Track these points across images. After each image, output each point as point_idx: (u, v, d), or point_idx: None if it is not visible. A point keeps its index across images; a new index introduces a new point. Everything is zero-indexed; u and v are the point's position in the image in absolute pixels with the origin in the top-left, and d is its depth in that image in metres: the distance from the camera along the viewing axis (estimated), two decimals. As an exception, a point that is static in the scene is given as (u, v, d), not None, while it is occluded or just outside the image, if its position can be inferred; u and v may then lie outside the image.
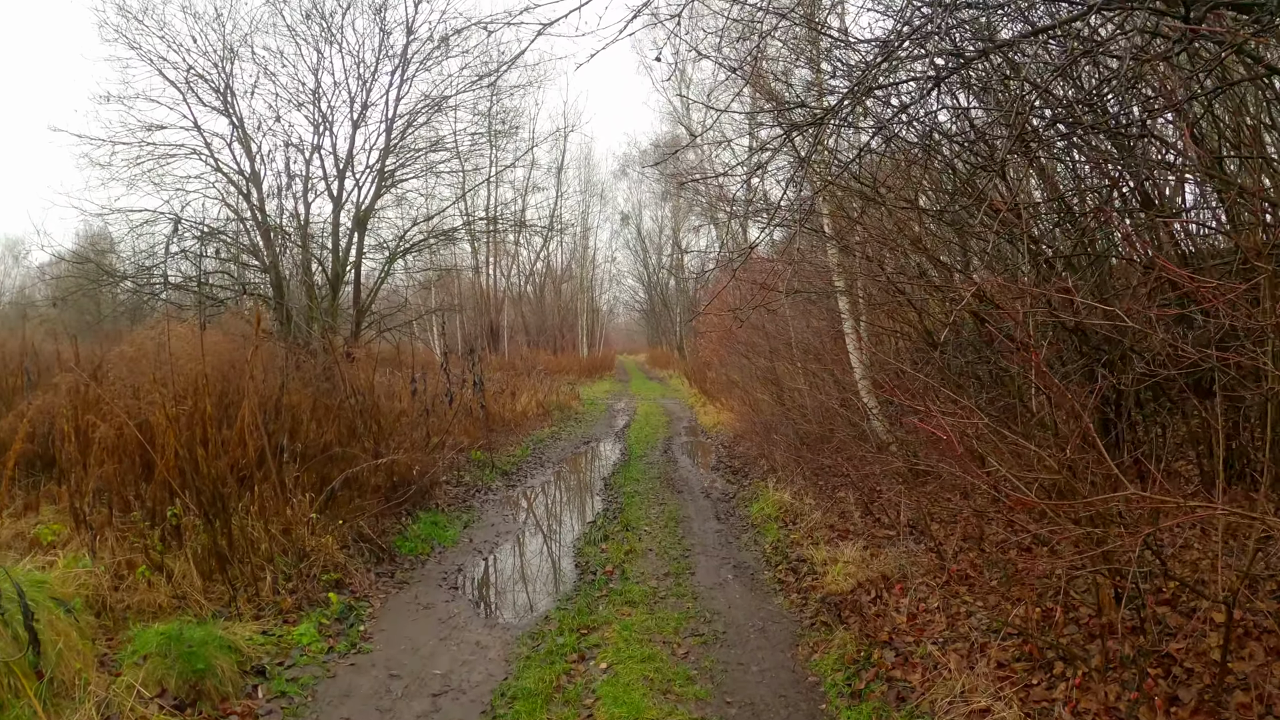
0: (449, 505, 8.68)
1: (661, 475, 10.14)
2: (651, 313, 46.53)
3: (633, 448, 12.98)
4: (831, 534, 6.69)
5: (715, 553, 6.42)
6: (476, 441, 11.91)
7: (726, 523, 7.54)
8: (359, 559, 6.27)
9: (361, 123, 16.20)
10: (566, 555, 6.82)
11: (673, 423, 16.99)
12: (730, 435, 13.95)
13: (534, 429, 15.03)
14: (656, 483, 9.59)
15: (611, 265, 45.93)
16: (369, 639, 5.03)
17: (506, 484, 10.16)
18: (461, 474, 10.22)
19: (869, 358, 9.40)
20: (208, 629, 4.77)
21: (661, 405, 21.26)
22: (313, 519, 6.13)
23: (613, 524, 7.48)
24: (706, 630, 4.66)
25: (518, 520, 8.29)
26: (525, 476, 10.71)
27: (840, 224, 9.46)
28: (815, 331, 12.12)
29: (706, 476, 10.22)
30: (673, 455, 12.13)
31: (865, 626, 4.63)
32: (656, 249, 43.83)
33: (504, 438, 13.35)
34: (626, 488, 9.32)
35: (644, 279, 45.75)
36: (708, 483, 9.71)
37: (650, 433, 15.02)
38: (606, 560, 6.26)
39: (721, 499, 8.66)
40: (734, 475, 10.02)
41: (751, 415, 13.30)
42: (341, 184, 16.32)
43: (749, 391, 14.78)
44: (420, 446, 8.86)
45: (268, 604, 5.44)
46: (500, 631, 5.00)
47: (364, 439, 7.90)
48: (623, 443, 13.90)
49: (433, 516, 7.91)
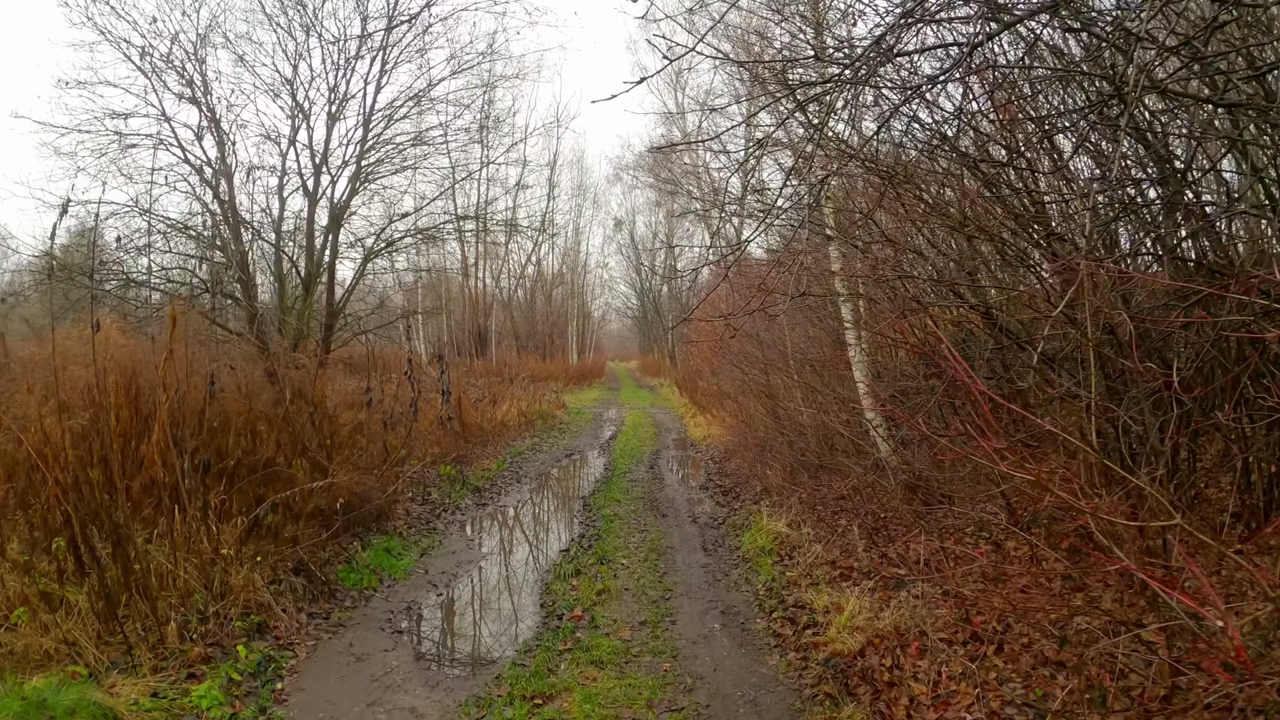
0: (409, 528, 7.85)
1: (646, 495, 9.33)
2: (643, 319, 45.81)
3: (617, 462, 12.17)
4: (834, 572, 5.90)
5: (701, 594, 5.61)
6: (448, 454, 11.08)
7: (714, 555, 6.73)
8: (290, 596, 5.43)
9: (340, 116, 15.44)
10: (532, 592, 6.00)
11: (661, 435, 16.19)
12: (721, 450, 13.17)
13: (514, 440, 14.21)
14: (640, 504, 8.77)
15: (604, 271, 45.24)
16: (284, 700, 4.20)
17: (477, 502, 9.33)
18: (428, 490, 9.40)
19: (873, 370, 8.64)
20: (82, 690, 3.94)
21: (650, 415, 20.47)
22: (233, 552, 5.30)
23: (587, 555, 6.66)
24: (686, 701, 3.85)
25: (483, 546, 7.46)
26: (499, 494, 9.88)
27: (845, 222, 8.71)
28: (814, 341, 11.36)
29: (694, 497, 9.41)
30: (659, 471, 11.32)
31: (877, 699, 3.83)
32: (650, 255, 43.18)
33: (480, 449, 12.53)
34: (606, 509, 8.50)
35: (636, 285, 45.13)
36: (696, 505, 8.91)
37: (637, 445, 14.22)
38: (575, 601, 5.45)
39: (710, 525, 7.86)
40: (724, 496, 9.21)
41: (744, 430, 12.52)
42: (318, 179, 15.54)
43: (741, 404, 14.00)
44: (378, 462, 8.04)
45: (173, 653, 4.61)
46: (441, 694, 4.17)
47: (315, 455, 7.08)
48: (607, 456, 13.09)
49: (387, 542, 7.08)
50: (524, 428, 15.42)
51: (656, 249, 42.21)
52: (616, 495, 9.23)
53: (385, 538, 7.24)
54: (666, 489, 9.84)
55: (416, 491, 9.21)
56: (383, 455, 8.04)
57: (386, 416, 8.99)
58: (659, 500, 9.04)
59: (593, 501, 9.05)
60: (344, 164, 15.34)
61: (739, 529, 7.44)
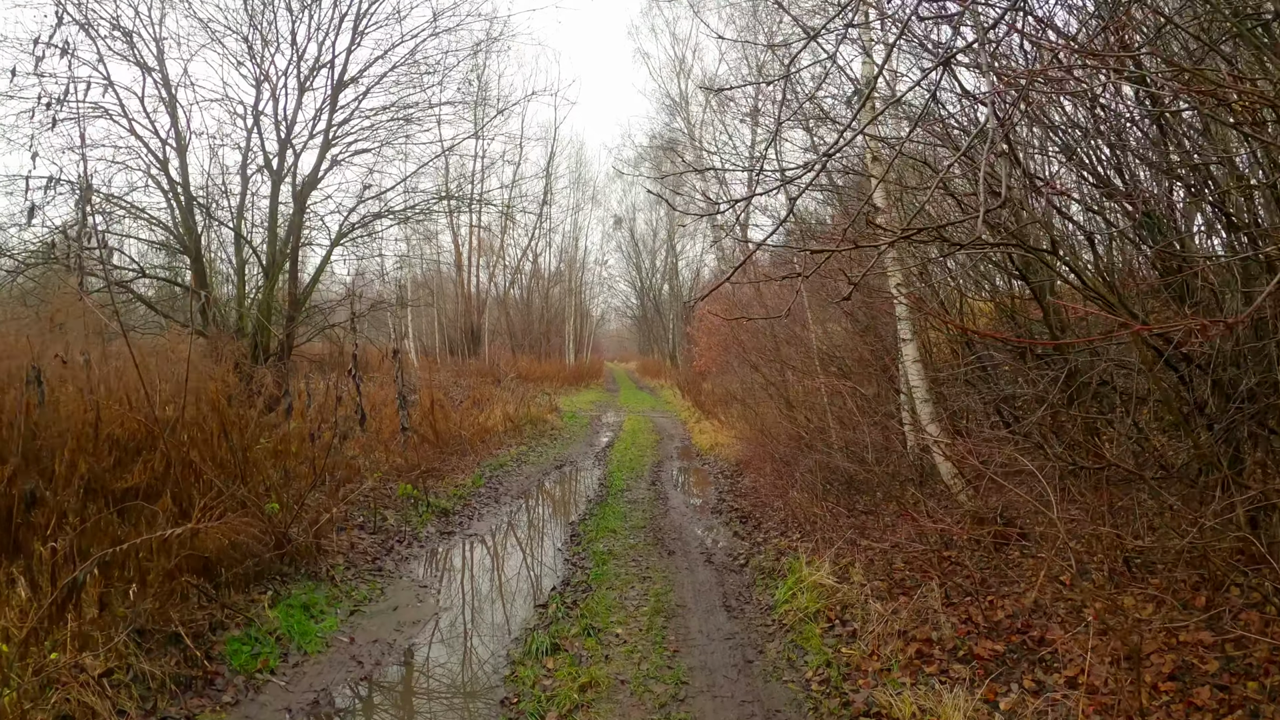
0: (349, 568, 6.19)
1: (647, 521, 7.65)
2: (643, 319, 44.20)
3: (614, 476, 10.50)
4: (908, 650, 4.24)
5: (729, 689, 3.93)
6: (415, 468, 9.41)
7: (741, 617, 5.05)
8: (136, 691, 3.76)
9: (309, 85, 13.77)
10: (489, 680, 4.31)
11: (663, 443, 14.51)
12: (731, 462, 11.50)
13: (498, 448, 12.53)
14: (640, 535, 7.09)
15: (603, 269, 43.58)
16: None
17: (442, 529, 7.66)
18: (382, 515, 7.73)
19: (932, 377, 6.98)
20: None
21: (651, 420, 18.79)
22: (46, 627, 3.63)
23: (570, 617, 4.96)
24: None
25: (437, 597, 5.77)
26: (470, 517, 8.20)
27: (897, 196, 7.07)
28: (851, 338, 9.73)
29: (706, 523, 7.74)
30: (662, 489, 9.64)
31: None
32: (650, 253, 41.63)
33: (457, 460, 10.86)
34: (599, 542, 6.83)
35: (636, 284, 43.53)
36: (709, 536, 7.24)
37: (637, 455, 12.53)
38: (548, 702, 3.77)
39: (730, 566, 6.18)
40: (743, 524, 7.54)
41: (759, 440, 10.85)
42: (283, 156, 13.84)
43: (755, 410, 12.34)
44: (307, 486, 6.36)
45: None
46: None
47: (217, 479, 5.41)
48: (603, 468, 11.41)
49: (309, 592, 5.41)
50: (510, 434, 13.75)
51: (657, 248, 40.69)
52: (612, 522, 7.54)
53: (309, 586, 5.57)
54: (672, 512, 8.17)
55: (367, 516, 7.54)
56: (310, 478, 6.35)
57: (333, 427, 7.32)
58: (663, 529, 7.36)
59: (583, 530, 7.38)
60: (311, 134, 13.68)
61: (769, 576, 5.76)
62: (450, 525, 7.83)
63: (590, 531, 7.26)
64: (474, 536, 7.51)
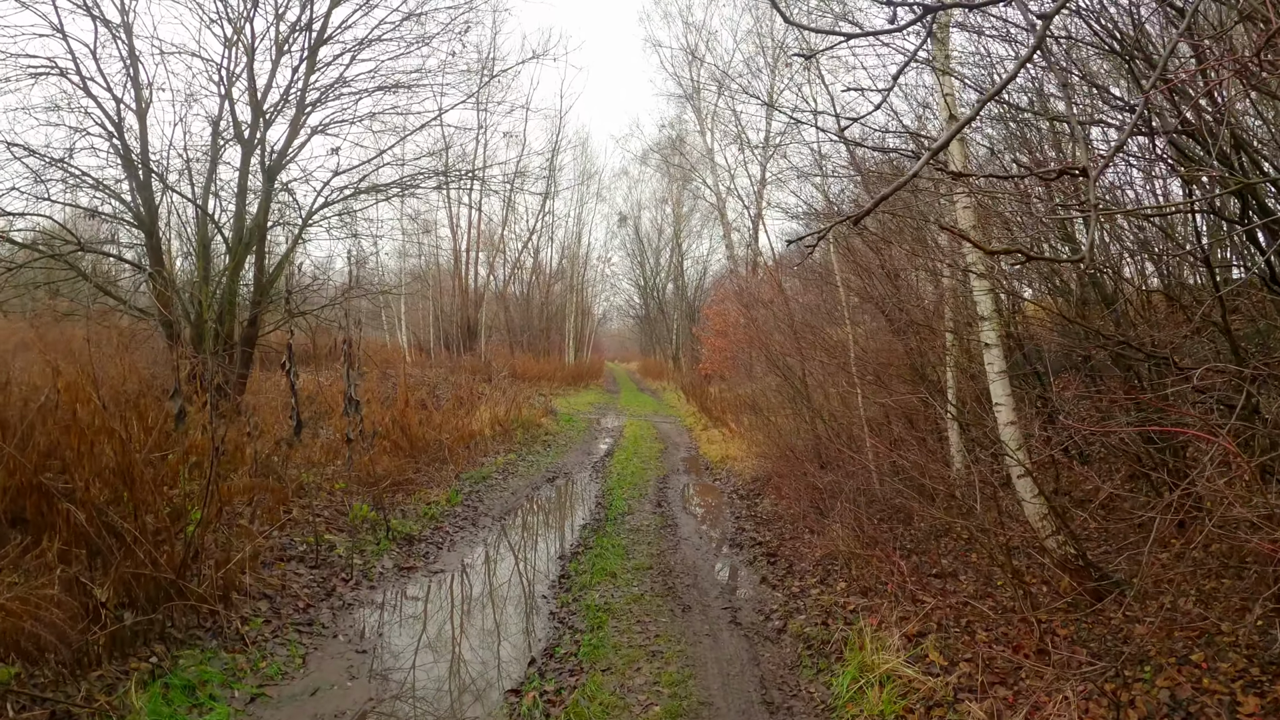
0: (269, 620, 4.78)
1: (654, 560, 6.23)
2: (646, 319, 42.84)
3: (614, 493, 9.09)
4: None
5: None
6: (382, 481, 8.01)
7: (789, 716, 3.63)
8: None
9: (288, 47, 12.37)
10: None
11: (668, 452, 13.09)
12: (748, 479, 10.10)
13: (484, 457, 11.12)
14: (646, 581, 5.67)
15: (606, 266, 42.20)
16: None
17: (401, 564, 6.25)
18: (329, 544, 6.32)
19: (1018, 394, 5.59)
20: None
21: (654, 426, 17.37)
22: None
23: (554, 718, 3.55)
24: None
25: (370, 674, 4.34)
26: (440, 546, 6.79)
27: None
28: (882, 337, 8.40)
29: (726, 562, 6.33)
30: (670, 512, 8.22)
31: None
32: (655, 252, 40.27)
33: (435, 471, 9.45)
34: (594, 592, 5.41)
35: (640, 283, 42.17)
36: (731, 580, 5.83)
37: (639, 468, 11.12)
38: None
39: (763, 631, 4.76)
40: (771, 564, 6.12)
41: (778, 454, 9.45)
42: (256, 125, 12.44)
43: (772, 420, 10.93)
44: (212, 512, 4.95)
45: None
46: None
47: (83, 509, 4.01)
48: (601, 482, 10.00)
49: (204, 660, 4.00)
50: (499, 439, 12.33)
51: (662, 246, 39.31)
52: (611, 561, 6.11)
53: (208, 651, 4.17)
54: (683, 545, 6.75)
55: (311, 545, 6.13)
56: (218, 505, 4.93)
57: (256, 436, 5.91)
58: (674, 569, 5.95)
59: (575, 570, 5.95)
60: (283, 102, 12.27)
61: (818, 652, 4.34)
62: (413, 557, 6.41)
63: (584, 572, 5.84)
64: (440, 573, 6.08)
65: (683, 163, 28.96)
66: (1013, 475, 5.27)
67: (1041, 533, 5.13)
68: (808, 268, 10.35)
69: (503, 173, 18.79)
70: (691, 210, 35.73)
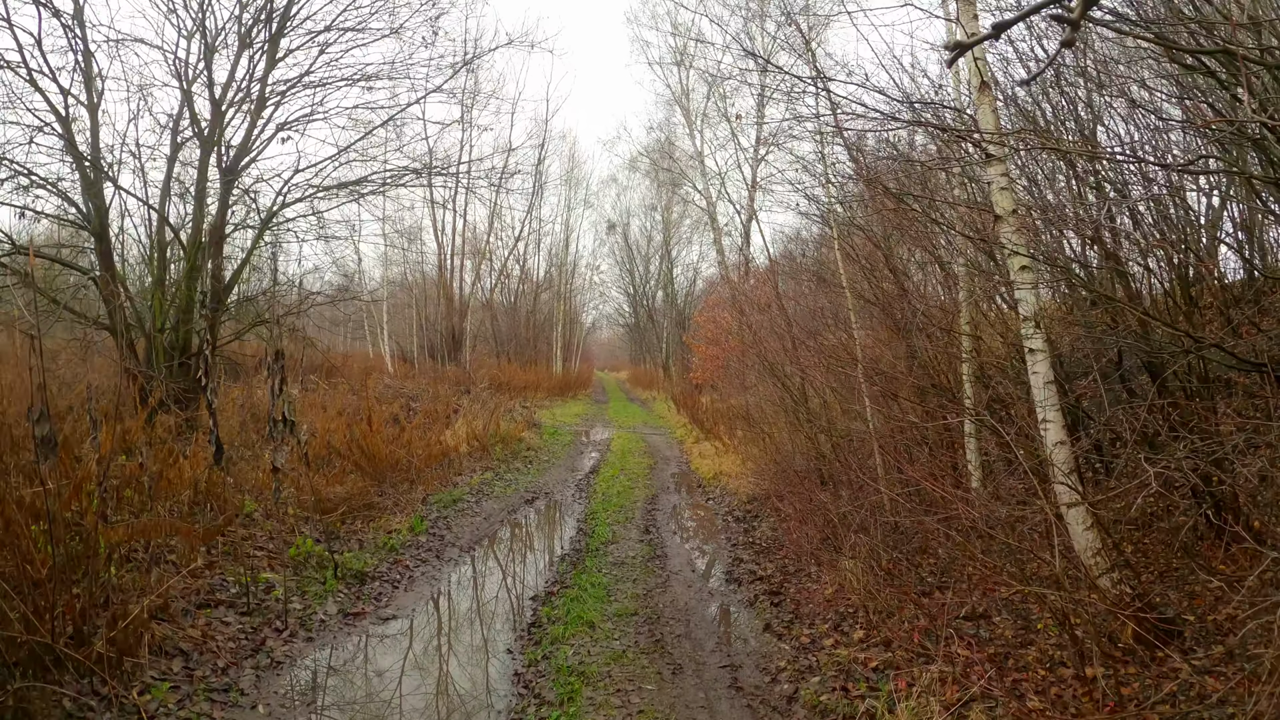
0: (179, 686, 3.94)
1: (640, 604, 5.40)
2: (636, 327, 42.11)
3: (597, 518, 8.27)
4: None
5: None
6: (337, 507, 7.17)
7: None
8: None
9: (251, 39, 11.58)
10: None
11: (657, 468, 12.27)
12: (743, 498, 9.30)
13: (458, 475, 10.28)
14: (629, 632, 4.83)
15: (594, 274, 41.44)
16: None
17: (347, 608, 5.40)
18: (266, 584, 5.48)
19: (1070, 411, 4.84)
20: None
21: (643, 438, 16.55)
22: None
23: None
24: None
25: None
26: (395, 584, 5.95)
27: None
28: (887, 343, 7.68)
29: (723, 602, 5.52)
30: (658, 539, 7.40)
31: None
32: (644, 259, 39.57)
33: (404, 493, 8.60)
34: (568, 645, 4.57)
35: (629, 291, 41.45)
36: (728, 625, 5.01)
37: (626, 487, 10.30)
38: None
39: (770, 698, 3.95)
40: (775, 606, 5.30)
41: (778, 474, 8.66)
42: (216, 122, 11.63)
43: (768, 433, 10.14)
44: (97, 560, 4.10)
45: None
46: None
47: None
48: (584, 503, 9.17)
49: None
50: (476, 456, 11.48)
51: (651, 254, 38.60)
52: (589, 607, 5.26)
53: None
54: (673, 583, 5.93)
55: (244, 585, 5.28)
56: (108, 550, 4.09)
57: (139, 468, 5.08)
58: (662, 615, 5.13)
59: (547, 616, 5.12)
60: (243, 96, 11.46)
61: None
62: (362, 599, 5.56)
63: (558, 620, 5.00)
64: (390, 620, 5.23)
65: (672, 167, 28.27)
66: (1062, 503, 4.49)
67: (1094, 570, 4.35)
68: (804, 269, 9.62)
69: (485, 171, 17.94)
70: (681, 216, 35.07)
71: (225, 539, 6.41)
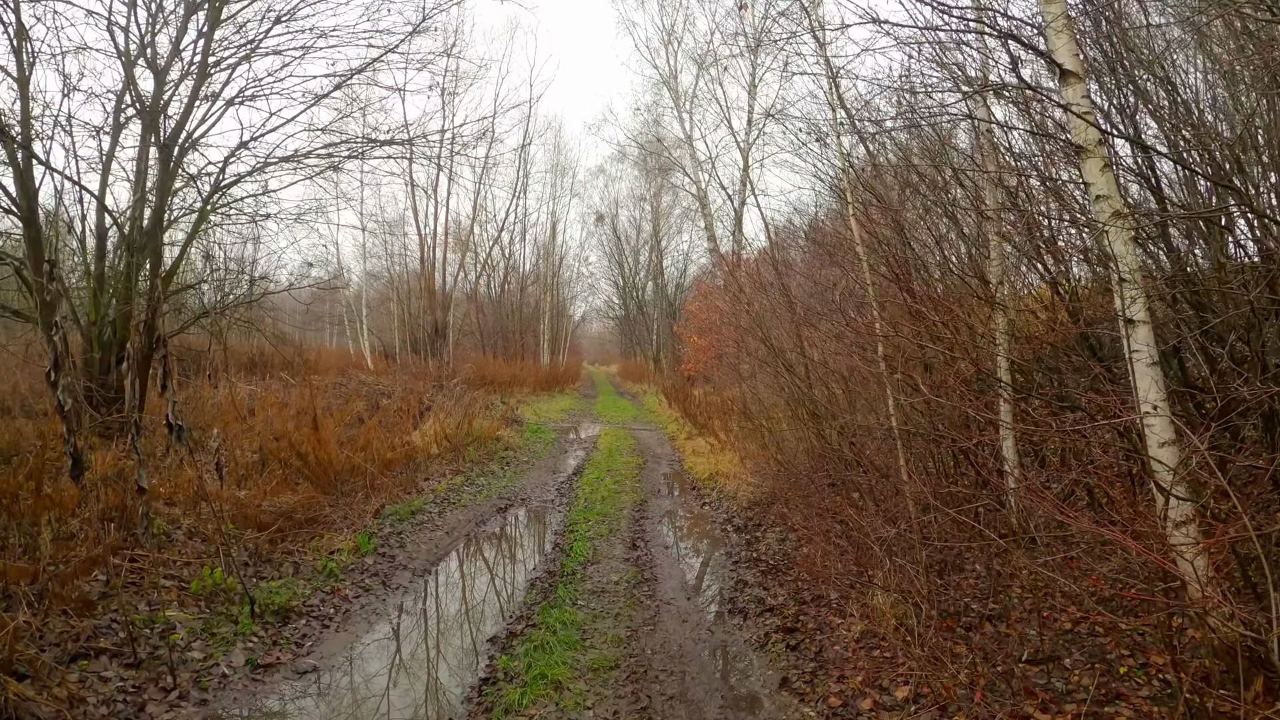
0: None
1: (623, 647, 4.35)
2: (626, 320, 41.06)
3: (577, 529, 7.22)
4: None
5: None
6: (270, 525, 6.10)
7: None
8: None
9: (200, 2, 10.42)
10: None
11: (647, 469, 11.22)
12: (743, 503, 8.28)
13: (425, 480, 9.20)
14: (608, 689, 3.78)
15: (583, 266, 40.33)
16: None
17: (258, 658, 4.32)
18: (164, 628, 4.42)
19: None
20: None
21: (632, 434, 15.50)
22: None
23: None
24: None
25: None
26: (324, 624, 4.87)
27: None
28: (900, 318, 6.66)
29: (726, 643, 4.48)
30: (648, 558, 6.35)
31: None
32: (634, 251, 38.52)
33: (354, 505, 7.52)
34: (533, 707, 3.52)
35: (618, 283, 40.39)
36: (735, 679, 3.97)
37: (612, 491, 9.25)
38: None
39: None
40: (791, 648, 4.27)
41: (781, 474, 7.65)
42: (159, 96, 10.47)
43: (768, 427, 9.12)
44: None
45: None
46: None
47: None
48: (565, 511, 8.12)
49: None
50: (448, 458, 10.39)
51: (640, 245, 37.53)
52: (558, 658, 4.18)
53: None
54: (665, 617, 4.88)
55: (132, 630, 4.21)
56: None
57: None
58: (651, 667, 4.08)
59: (505, 669, 4.05)
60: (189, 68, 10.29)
61: None
62: (280, 645, 4.49)
63: (516, 676, 3.93)
64: (307, 674, 4.16)
65: (660, 151, 27.14)
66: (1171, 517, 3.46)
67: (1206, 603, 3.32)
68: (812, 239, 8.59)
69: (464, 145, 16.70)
70: (671, 205, 34.01)
71: (135, 564, 5.35)
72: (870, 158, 7.11)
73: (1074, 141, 3.68)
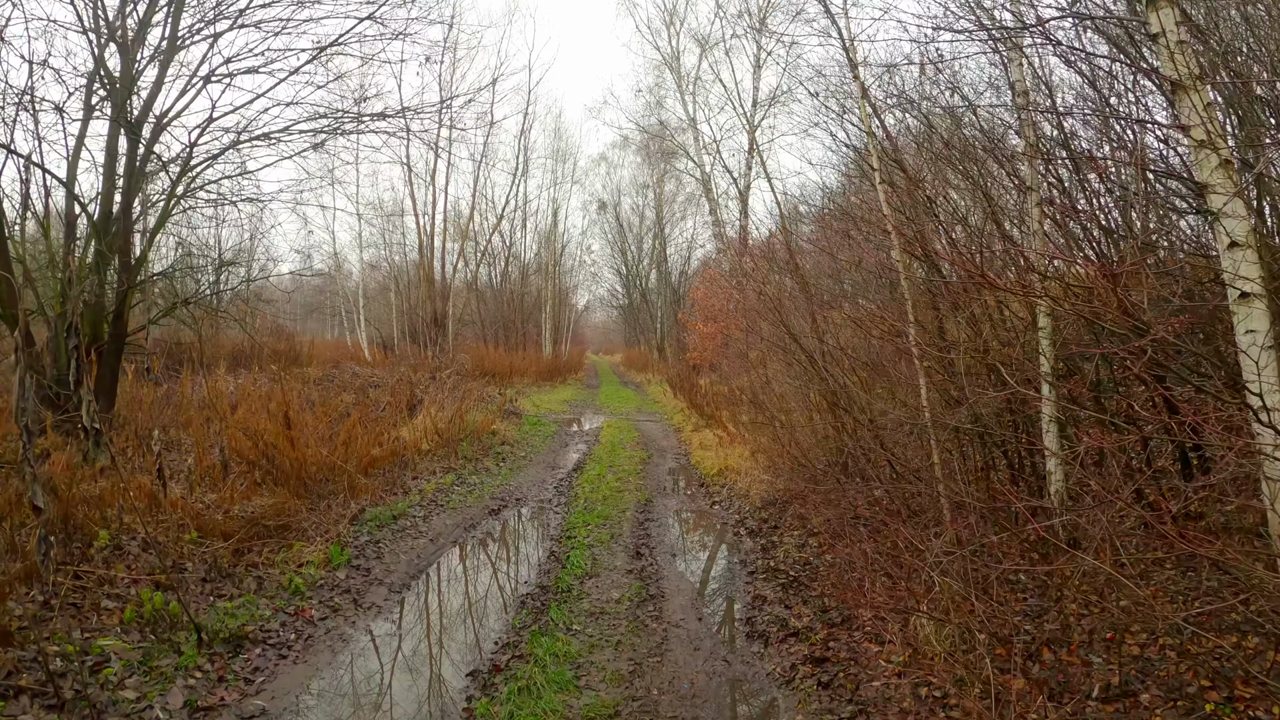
0: None
1: (624, 685, 3.71)
2: (630, 308, 40.31)
3: (575, 535, 6.58)
4: None
5: None
6: (235, 533, 5.46)
7: None
8: None
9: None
10: None
11: (652, 463, 10.57)
12: (757, 502, 7.65)
13: (413, 479, 8.57)
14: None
15: (586, 254, 39.60)
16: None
17: (197, 699, 3.67)
18: (98, 660, 3.80)
19: None
20: None
21: (636, 426, 14.85)
22: None
23: None
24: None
25: None
26: (280, 654, 4.23)
27: None
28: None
29: (743, 673, 3.84)
30: (653, 568, 5.70)
31: None
32: (636, 239, 37.75)
33: (332, 510, 6.89)
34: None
35: (622, 272, 39.65)
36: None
37: (615, 489, 8.60)
38: None
39: None
40: (822, 685, 3.62)
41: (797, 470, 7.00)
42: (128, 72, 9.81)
43: (782, 418, 8.45)
44: None
45: None
46: None
47: None
48: (563, 513, 7.48)
49: None
50: (440, 455, 9.76)
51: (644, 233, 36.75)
52: (547, 703, 3.54)
53: None
54: (674, 644, 4.24)
55: (60, 664, 3.58)
56: None
57: None
58: (659, 713, 3.44)
59: (486, 715, 3.42)
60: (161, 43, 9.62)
61: None
62: (227, 681, 3.85)
63: (499, 721, 3.30)
64: (257, 718, 3.53)
65: (664, 135, 26.37)
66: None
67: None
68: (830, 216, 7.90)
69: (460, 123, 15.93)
70: (675, 192, 33.24)
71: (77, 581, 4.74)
72: (899, 124, 6.42)
73: (1165, 74, 3.01)
